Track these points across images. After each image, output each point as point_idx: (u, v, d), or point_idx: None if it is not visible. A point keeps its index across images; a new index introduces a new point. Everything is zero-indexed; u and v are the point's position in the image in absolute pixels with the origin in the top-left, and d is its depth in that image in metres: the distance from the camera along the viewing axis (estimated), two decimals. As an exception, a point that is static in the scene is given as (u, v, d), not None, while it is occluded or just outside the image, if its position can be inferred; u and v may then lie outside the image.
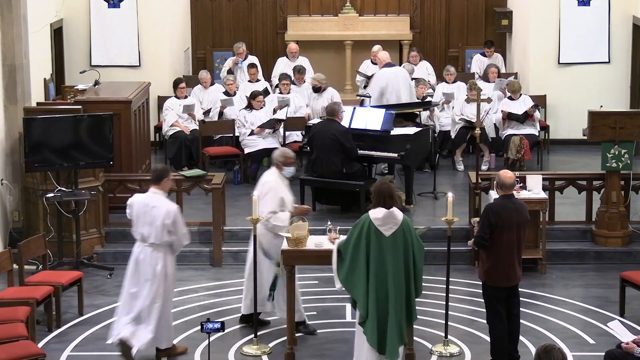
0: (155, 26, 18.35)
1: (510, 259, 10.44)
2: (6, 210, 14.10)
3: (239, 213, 14.56)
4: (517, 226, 10.45)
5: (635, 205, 14.61)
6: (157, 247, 10.72)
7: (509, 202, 10.53)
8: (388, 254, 9.97)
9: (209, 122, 17.20)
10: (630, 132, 13.78)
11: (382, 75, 16.56)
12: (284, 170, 11.45)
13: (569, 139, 18.50)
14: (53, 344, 11.34)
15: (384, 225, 10.01)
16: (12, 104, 14.30)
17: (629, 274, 12.05)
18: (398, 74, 16.58)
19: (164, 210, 10.70)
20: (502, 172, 10.71)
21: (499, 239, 10.39)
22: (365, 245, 9.98)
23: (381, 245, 9.97)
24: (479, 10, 20.77)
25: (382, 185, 10.25)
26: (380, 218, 10.01)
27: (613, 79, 18.57)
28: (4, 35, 14.22)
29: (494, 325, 10.60)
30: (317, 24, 20.59)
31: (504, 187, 10.56)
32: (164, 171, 10.99)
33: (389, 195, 10.08)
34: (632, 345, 9.41)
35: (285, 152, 11.66)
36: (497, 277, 10.48)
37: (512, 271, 10.48)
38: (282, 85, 17.38)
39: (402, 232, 10.05)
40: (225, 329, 10.09)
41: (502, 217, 10.38)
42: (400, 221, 10.07)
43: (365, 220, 10.06)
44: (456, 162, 17.34)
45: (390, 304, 9.98)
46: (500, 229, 10.37)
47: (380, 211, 10.04)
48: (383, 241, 9.99)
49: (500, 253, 10.42)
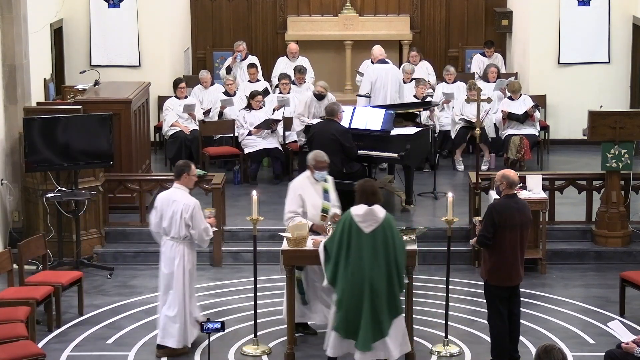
0: (155, 26, 18.35)
1: (513, 258, 10.47)
2: (6, 210, 14.10)
3: (239, 213, 14.56)
4: (520, 226, 10.48)
5: (635, 205, 14.60)
6: (178, 242, 10.95)
7: (512, 201, 10.57)
8: (366, 250, 10.11)
9: (209, 122, 17.20)
10: (630, 132, 13.78)
11: (373, 71, 16.85)
12: (315, 173, 11.33)
13: (569, 139, 18.50)
14: (53, 344, 11.34)
15: (365, 222, 10.13)
16: (12, 104, 14.30)
17: (629, 274, 12.05)
18: (389, 71, 16.77)
19: (182, 205, 10.91)
20: (508, 171, 10.75)
21: (502, 239, 10.42)
22: (346, 242, 10.14)
23: (360, 242, 10.12)
24: (479, 10, 20.77)
25: (365, 183, 10.39)
26: (361, 215, 10.15)
27: (613, 79, 18.57)
28: (4, 35, 14.22)
29: (495, 324, 10.61)
30: (317, 24, 20.59)
31: (512, 185, 10.61)
32: (183, 167, 11.21)
33: (372, 193, 10.23)
34: (632, 345, 9.41)
35: (317, 155, 11.38)
36: (500, 277, 10.50)
37: (514, 271, 10.51)
38: (282, 85, 17.39)
39: (383, 230, 10.17)
40: (225, 329, 10.09)
41: (505, 217, 10.41)
42: (382, 219, 10.20)
43: (346, 216, 10.23)
44: (456, 162, 17.33)
45: (366, 299, 10.10)
46: (503, 228, 10.40)
47: (362, 208, 10.18)
48: (362, 237, 10.12)
49: (503, 253, 10.45)
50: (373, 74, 16.77)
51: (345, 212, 10.33)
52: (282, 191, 15.99)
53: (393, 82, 16.64)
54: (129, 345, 11.29)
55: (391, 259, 10.18)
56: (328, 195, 11.32)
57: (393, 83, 16.64)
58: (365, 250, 10.12)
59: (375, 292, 10.13)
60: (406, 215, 14.76)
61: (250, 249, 11.68)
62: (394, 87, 16.63)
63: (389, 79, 16.66)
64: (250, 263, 11.61)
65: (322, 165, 11.27)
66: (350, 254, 10.14)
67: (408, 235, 10.91)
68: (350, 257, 10.14)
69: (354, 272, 10.13)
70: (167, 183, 14.47)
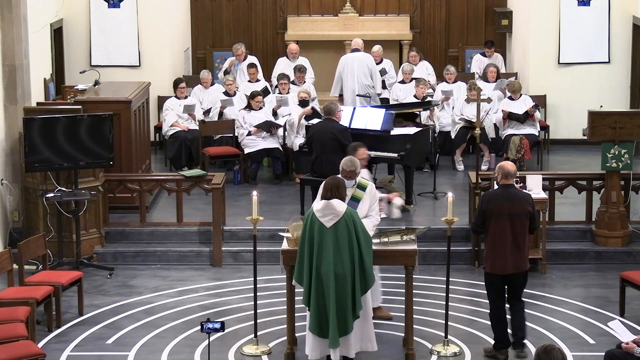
0: (155, 26, 18.35)
1: (502, 247, 10.65)
2: (6, 210, 14.10)
3: (239, 213, 14.56)
4: (510, 215, 10.62)
5: (635, 205, 14.60)
6: None
7: (504, 191, 10.76)
8: (329, 246, 10.12)
9: (209, 122, 17.19)
10: (630, 132, 13.78)
11: (341, 61, 17.58)
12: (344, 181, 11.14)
13: (569, 139, 18.50)
14: (53, 344, 11.34)
15: (324, 217, 10.17)
16: (12, 104, 14.30)
17: (629, 274, 12.05)
18: (355, 59, 17.39)
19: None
20: (505, 163, 11.01)
21: (490, 227, 10.69)
22: (309, 238, 10.19)
23: (322, 237, 10.15)
24: (479, 10, 20.77)
25: (331, 179, 10.43)
26: (319, 209, 10.21)
27: (613, 79, 18.57)
28: (4, 35, 14.22)
29: (490, 311, 10.91)
30: (317, 24, 20.59)
31: (508, 176, 10.81)
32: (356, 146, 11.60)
33: (335, 187, 10.28)
34: (632, 345, 9.41)
35: (345, 163, 11.07)
36: (492, 264, 10.76)
37: (505, 260, 10.66)
38: (281, 84, 17.38)
39: (345, 224, 10.18)
40: (225, 329, 10.09)
41: (492, 206, 10.67)
42: (342, 212, 10.21)
43: (309, 213, 10.30)
44: (456, 162, 17.33)
45: (331, 295, 10.11)
46: (489, 216, 10.66)
47: (321, 202, 10.24)
48: (324, 233, 10.15)
49: (492, 240, 10.71)
50: (340, 64, 17.54)
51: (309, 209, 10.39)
52: (282, 191, 16.06)
53: (360, 68, 17.26)
54: (129, 345, 11.29)
55: (355, 254, 10.17)
56: (357, 204, 11.09)
57: (360, 68, 17.25)
58: (328, 246, 10.13)
59: (340, 288, 10.14)
60: (406, 215, 14.75)
61: (250, 249, 11.69)
62: (361, 73, 17.24)
63: (355, 65, 17.33)
64: (250, 263, 11.61)
65: (345, 174, 11.06)
66: (314, 250, 10.17)
67: (408, 235, 10.91)
68: (315, 254, 10.17)
69: (318, 268, 10.16)
70: (167, 183, 14.51)
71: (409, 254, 10.69)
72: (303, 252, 10.28)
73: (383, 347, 11.12)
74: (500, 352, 10.84)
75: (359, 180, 11.17)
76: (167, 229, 14.30)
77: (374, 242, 10.76)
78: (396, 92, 17.91)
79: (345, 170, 11.08)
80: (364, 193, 11.17)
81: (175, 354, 11.06)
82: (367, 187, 11.20)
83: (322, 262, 10.16)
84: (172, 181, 14.57)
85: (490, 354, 10.89)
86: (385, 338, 11.38)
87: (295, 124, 16.47)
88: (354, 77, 17.22)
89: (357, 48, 17.55)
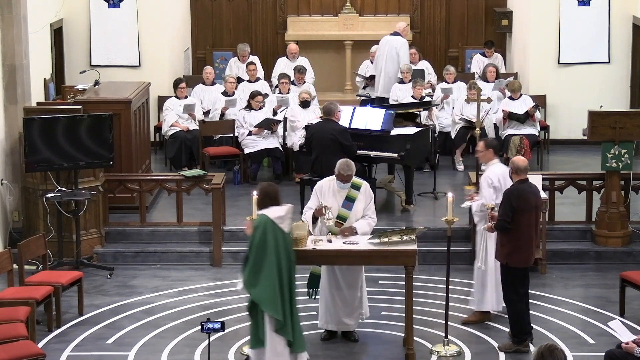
0: (155, 26, 18.35)
1: (530, 240, 10.88)
2: (6, 210, 14.10)
3: (239, 213, 14.56)
4: (536, 208, 10.92)
5: (635, 205, 14.60)
6: None
7: (526, 186, 10.94)
8: (285, 250, 10.05)
9: (209, 122, 17.20)
10: (630, 132, 13.78)
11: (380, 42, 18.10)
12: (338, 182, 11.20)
13: (569, 139, 18.50)
14: (53, 344, 11.34)
15: (284, 222, 10.11)
16: (12, 104, 14.30)
17: (629, 274, 12.05)
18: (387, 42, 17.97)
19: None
20: (516, 158, 11.10)
21: (520, 222, 10.79)
22: (273, 246, 9.96)
23: (285, 242, 10.05)
24: (479, 10, 20.77)
25: (268, 187, 10.30)
26: (282, 216, 10.09)
27: (613, 79, 18.57)
28: (4, 35, 14.22)
29: (515, 305, 10.97)
30: (317, 24, 20.60)
31: (519, 171, 10.93)
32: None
33: (276, 196, 10.17)
34: (632, 345, 9.41)
35: (341, 166, 11.11)
36: (519, 259, 10.89)
37: (531, 252, 10.94)
38: (282, 84, 17.39)
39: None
40: (225, 329, 10.09)
41: (522, 201, 10.78)
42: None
43: (265, 221, 10.01)
44: (456, 162, 17.33)
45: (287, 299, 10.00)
46: (522, 212, 10.78)
47: (280, 209, 10.10)
48: (285, 238, 10.09)
49: (521, 235, 10.83)
50: (378, 45, 18.03)
51: (258, 218, 10.11)
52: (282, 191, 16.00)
53: (389, 52, 17.74)
54: (129, 345, 11.29)
55: (292, 259, 10.16)
56: (352, 204, 11.13)
57: (389, 53, 17.73)
58: (283, 252, 10.02)
59: (292, 291, 10.07)
60: (406, 215, 14.76)
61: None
62: (389, 57, 17.70)
63: (385, 50, 17.78)
64: (250, 263, 11.59)
65: (341, 178, 11.10)
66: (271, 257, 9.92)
67: (408, 235, 10.90)
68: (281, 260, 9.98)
69: (280, 274, 9.97)
70: (167, 183, 14.52)
71: (409, 254, 10.69)
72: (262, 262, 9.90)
73: (383, 347, 11.13)
74: (524, 344, 10.94)
75: (353, 179, 11.18)
76: (167, 229, 14.31)
77: (374, 242, 10.77)
78: (395, 92, 17.90)
79: (342, 175, 11.08)
80: (358, 193, 11.18)
81: (175, 354, 11.07)
82: (361, 186, 11.20)
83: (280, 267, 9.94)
84: (172, 181, 14.57)
85: (512, 350, 10.96)
86: (385, 338, 11.39)
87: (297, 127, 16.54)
88: (383, 61, 17.84)
89: (395, 31, 18.01)
